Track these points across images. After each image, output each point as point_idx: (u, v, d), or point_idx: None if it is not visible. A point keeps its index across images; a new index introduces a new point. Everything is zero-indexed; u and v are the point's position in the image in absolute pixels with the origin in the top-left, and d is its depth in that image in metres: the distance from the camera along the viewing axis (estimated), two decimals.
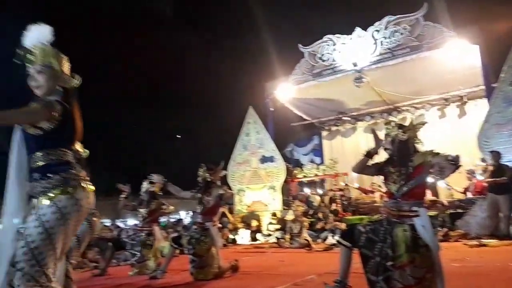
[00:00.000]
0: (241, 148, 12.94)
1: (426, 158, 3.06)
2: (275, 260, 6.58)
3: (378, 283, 3.09)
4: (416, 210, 3.10)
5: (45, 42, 2.26)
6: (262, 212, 11.78)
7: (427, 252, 3.01)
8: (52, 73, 2.25)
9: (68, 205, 2.08)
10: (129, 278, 5.54)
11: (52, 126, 2.14)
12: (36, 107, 2.13)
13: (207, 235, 5.07)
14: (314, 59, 12.28)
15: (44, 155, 2.16)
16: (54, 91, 2.26)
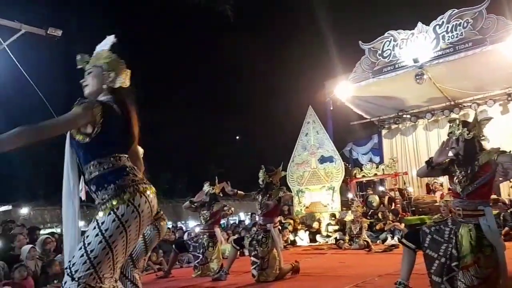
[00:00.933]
0: (300, 149, 13.01)
1: (492, 157, 2.99)
2: (335, 262, 6.60)
3: (442, 284, 3.06)
4: (482, 209, 3.05)
5: (105, 48, 2.26)
6: (321, 213, 11.80)
7: (492, 252, 2.96)
8: (99, 72, 2.20)
9: (127, 213, 1.98)
10: (193, 280, 5.65)
11: (98, 129, 2.02)
12: (74, 109, 1.98)
13: (268, 236, 5.12)
14: (375, 56, 12.07)
15: (96, 165, 2.06)
16: (102, 91, 2.20)
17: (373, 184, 12.46)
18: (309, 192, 12.44)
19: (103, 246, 1.93)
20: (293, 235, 10.62)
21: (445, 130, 14.84)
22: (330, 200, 11.95)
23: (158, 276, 6.25)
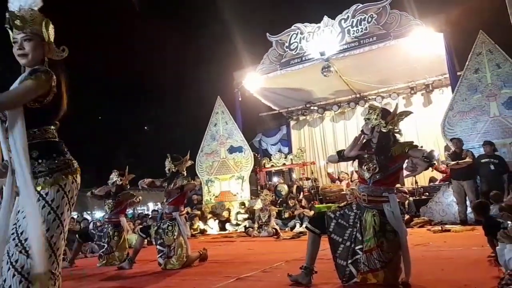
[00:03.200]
0: (210, 139, 12.80)
1: (404, 150, 3.07)
2: (244, 249, 6.57)
3: (347, 267, 3.13)
4: (386, 196, 3.14)
5: (35, 8, 2.06)
6: (230, 202, 11.74)
7: (394, 237, 3.06)
8: (39, 42, 2.05)
9: (72, 189, 2.01)
10: (98, 269, 5.47)
11: (50, 99, 1.98)
12: (36, 80, 1.91)
13: (174, 224, 5.04)
14: (282, 48, 12.25)
15: (42, 132, 2.02)
16: (41, 62, 2.06)
17: (282, 173, 12.75)
18: (219, 182, 12.31)
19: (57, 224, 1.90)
20: (203, 224, 10.42)
21: (352, 121, 15.80)
22: (240, 189, 11.94)
23: None
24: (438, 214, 8.43)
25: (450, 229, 6.87)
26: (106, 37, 17.59)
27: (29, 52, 2.03)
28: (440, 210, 8.45)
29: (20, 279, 1.80)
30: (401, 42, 10.36)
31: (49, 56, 2.10)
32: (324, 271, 3.45)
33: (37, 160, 1.99)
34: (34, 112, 1.96)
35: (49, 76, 1.97)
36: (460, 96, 8.97)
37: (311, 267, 3.31)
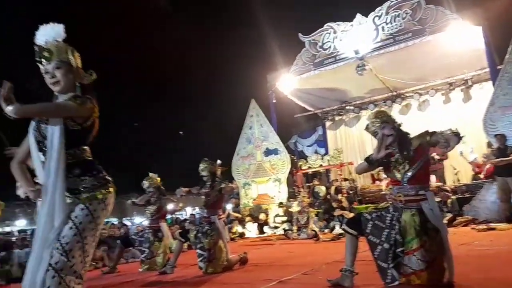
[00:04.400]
0: (245, 142, 12.88)
1: (425, 139, 3.07)
2: (284, 252, 6.56)
3: (388, 270, 3.08)
4: (423, 194, 3.10)
5: (59, 39, 2.24)
6: (268, 205, 11.75)
7: (436, 235, 3.01)
8: (69, 68, 2.22)
9: (110, 203, 2.22)
10: (140, 274, 5.59)
11: (89, 123, 2.20)
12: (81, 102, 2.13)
13: (213, 228, 5.08)
14: (315, 48, 12.16)
15: (81, 151, 2.21)
16: (74, 88, 2.25)
17: (319, 175, 12.62)
18: (256, 185, 12.36)
19: (77, 239, 2.05)
20: (242, 227, 10.49)
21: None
22: (277, 191, 11.93)
23: (103, 271, 6.12)
24: (482, 212, 8.06)
25: (495, 227, 6.58)
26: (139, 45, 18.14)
27: (60, 79, 2.20)
28: (485, 208, 8.07)
29: (59, 281, 1.95)
30: (438, 37, 10.03)
31: (79, 80, 2.27)
32: (367, 273, 3.39)
33: (79, 177, 2.17)
34: (74, 133, 2.15)
35: (92, 104, 2.20)
36: (501, 90, 8.57)
37: (352, 269, 3.27)
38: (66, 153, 2.12)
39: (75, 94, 2.21)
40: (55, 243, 2.00)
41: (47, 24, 2.25)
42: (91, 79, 2.33)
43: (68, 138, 2.11)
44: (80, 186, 2.15)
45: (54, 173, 2.05)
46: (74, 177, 2.15)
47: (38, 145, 2.16)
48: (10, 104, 1.91)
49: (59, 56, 2.20)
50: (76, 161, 2.18)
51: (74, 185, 2.14)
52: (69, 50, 2.25)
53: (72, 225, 2.05)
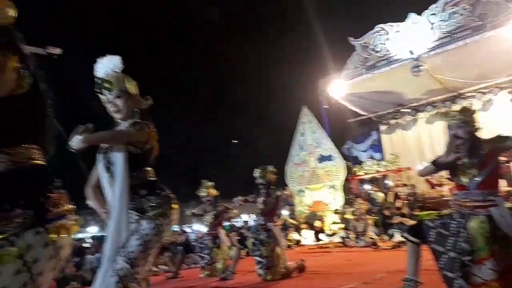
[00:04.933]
0: (298, 149, 12.85)
1: (497, 144, 2.93)
2: (342, 260, 6.46)
3: (456, 280, 2.93)
4: (493, 199, 2.94)
5: (117, 70, 2.44)
6: (324, 212, 11.61)
7: (508, 244, 2.84)
8: (128, 97, 2.42)
9: (175, 218, 2.42)
10: (201, 280, 5.80)
11: (149, 146, 2.40)
12: (138, 130, 2.34)
13: (270, 235, 5.13)
14: (367, 51, 11.90)
15: (144, 173, 2.41)
16: (133, 114, 2.44)
17: (376, 181, 12.27)
18: (310, 192, 12.27)
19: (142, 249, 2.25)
20: (298, 234, 10.46)
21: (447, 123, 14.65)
22: (332, 198, 11.76)
23: (167, 277, 6.44)
24: None
25: None
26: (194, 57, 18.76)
27: (121, 107, 2.40)
28: None
29: (122, 286, 2.14)
30: (500, 32, 9.41)
31: (138, 106, 2.48)
32: (431, 283, 3.26)
33: (145, 197, 2.36)
34: (136, 157, 2.36)
35: (150, 129, 2.40)
36: None
37: (415, 278, 3.17)
38: (130, 175, 2.31)
39: (134, 120, 2.40)
40: (122, 252, 2.20)
41: (106, 57, 2.45)
42: (147, 104, 2.52)
43: (131, 162, 2.32)
44: (146, 205, 2.34)
45: (119, 194, 2.25)
46: (140, 197, 2.35)
47: (106, 170, 2.36)
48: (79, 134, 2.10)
49: (119, 86, 2.39)
50: (140, 182, 2.37)
51: (140, 205, 2.34)
52: (126, 79, 2.44)
53: (139, 237, 2.25)
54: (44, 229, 1.26)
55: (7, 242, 1.20)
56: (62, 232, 1.32)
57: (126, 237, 2.24)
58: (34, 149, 1.37)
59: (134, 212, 2.33)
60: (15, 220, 1.22)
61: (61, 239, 1.31)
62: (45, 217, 1.27)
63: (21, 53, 1.37)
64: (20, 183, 1.29)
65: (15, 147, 1.31)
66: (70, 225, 1.35)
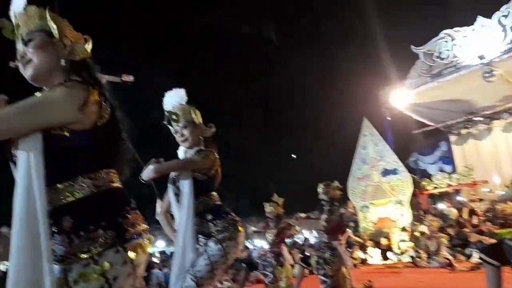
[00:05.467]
0: (360, 163, 12.41)
1: None
2: (413, 281, 6.05)
3: None
4: None
5: (182, 102, 2.63)
6: (390, 229, 11.02)
7: None
8: (194, 126, 2.59)
9: (241, 241, 2.53)
10: None
11: (214, 172, 2.54)
12: (203, 157, 2.50)
13: (334, 254, 4.93)
14: (431, 59, 11.32)
15: (210, 198, 2.55)
16: (198, 141, 2.61)
17: (448, 195, 11.46)
18: (375, 207, 11.74)
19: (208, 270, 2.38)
20: (363, 253, 9.99)
21: None
22: (399, 214, 11.14)
23: None
24: None
25: None
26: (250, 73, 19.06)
27: (188, 136, 2.58)
28: None
29: None
30: None
31: (202, 135, 2.64)
32: None
33: (212, 222, 2.48)
34: (202, 183, 2.49)
35: (214, 156, 2.56)
36: None
37: None
38: (197, 201, 2.45)
39: (199, 148, 2.57)
40: (190, 271, 2.34)
41: (172, 92, 2.66)
42: (211, 132, 2.69)
43: (197, 188, 2.45)
44: (213, 229, 2.46)
45: (185, 219, 2.38)
46: (207, 222, 2.47)
47: (175, 196, 2.54)
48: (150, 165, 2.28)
49: (185, 117, 2.57)
50: (207, 207, 2.51)
51: (207, 229, 2.46)
52: (191, 110, 2.61)
53: (206, 257, 2.37)
54: (123, 248, 1.34)
55: (92, 260, 1.30)
56: (139, 250, 1.39)
57: (194, 258, 2.36)
58: (113, 173, 1.47)
59: (202, 236, 2.47)
60: (98, 240, 1.32)
61: (138, 257, 1.38)
62: (124, 236, 1.35)
63: (101, 85, 1.49)
64: (102, 206, 1.39)
65: (96, 172, 1.41)
66: (146, 244, 1.43)
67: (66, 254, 1.31)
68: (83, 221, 1.33)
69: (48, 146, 1.31)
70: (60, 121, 1.33)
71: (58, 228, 1.33)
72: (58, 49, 1.45)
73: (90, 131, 1.38)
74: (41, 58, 1.42)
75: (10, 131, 1.30)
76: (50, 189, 1.33)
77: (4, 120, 1.28)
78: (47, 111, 1.32)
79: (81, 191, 1.36)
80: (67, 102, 1.33)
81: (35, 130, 1.31)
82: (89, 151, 1.40)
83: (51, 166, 1.32)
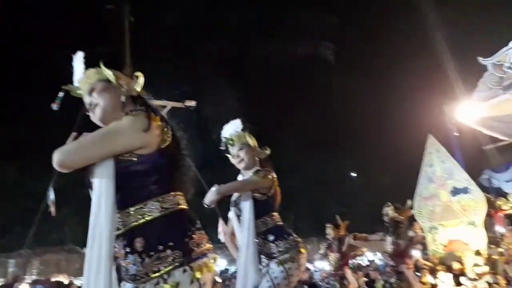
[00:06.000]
0: (426, 181, 11.78)
1: None
2: None
3: None
4: None
5: (238, 130, 2.86)
6: (462, 252, 10.27)
7: None
8: (249, 148, 2.78)
9: (303, 263, 2.59)
10: None
11: (272, 192, 2.64)
12: (259, 177, 2.61)
13: (402, 279, 4.74)
14: (502, 70, 10.48)
15: (271, 218, 2.62)
16: (254, 163, 2.76)
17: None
18: (444, 229, 11.01)
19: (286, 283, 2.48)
20: (433, 278, 9.39)
21: None
22: (472, 237, 10.37)
23: None
24: None
25: None
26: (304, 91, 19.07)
27: (243, 157, 2.76)
28: None
29: None
30: None
31: (258, 156, 2.81)
32: None
33: (274, 242, 2.55)
34: (262, 203, 2.58)
35: (272, 176, 2.67)
36: None
37: None
38: (258, 222, 2.54)
39: (257, 168, 2.70)
40: None
41: (231, 122, 2.91)
42: (266, 154, 2.84)
43: (258, 208, 2.55)
44: (275, 250, 2.52)
45: (247, 239, 2.46)
46: (269, 242, 2.54)
47: (237, 218, 2.64)
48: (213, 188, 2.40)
49: (240, 140, 2.78)
50: (268, 228, 2.59)
51: (269, 250, 2.53)
52: (246, 135, 2.83)
53: (269, 279, 2.42)
54: (190, 268, 1.42)
55: (161, 279, 1.39)
56: (204, 270, 1.46)
57: (256, 279, 2.41)
58: (179, 195, 1.57)
59: (264, 257, 2.52)
60: (167, 260, 1.40)
61: (204, 276, 1.46)
62: (190, 256, 1.44)
63: (160, 111, 1.64)
64: (169, 227, 1.48)
65: (164, 195, 1.51)
66: (211, 263, 1.50)
67: (139, 273, 1.39)
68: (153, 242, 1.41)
69: (119, 172, 1.44)
70: (128, 147, 1.46)
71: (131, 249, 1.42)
72: (117, 89, 1.66)
73: (155, 155, 1.50)
74: (105, 99, 1.63)
75: (86, 158, 1.44)
76: (124, 212, 1.46)
77: (80, 149, 1.44)
78: (116, 138, 1.46)
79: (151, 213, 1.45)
80: (133, 128, 1.46)
81: (107, 157, 1.44)
82: (156, 175, 1.50)
83: (123, 191, 1.45)
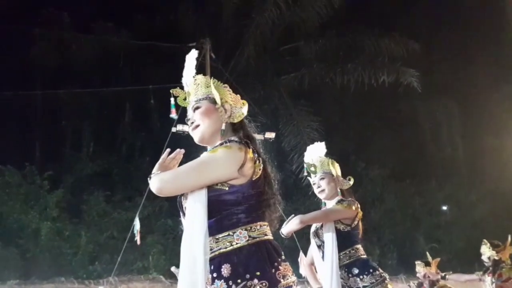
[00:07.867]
0: None
1: None
2: None
3: None
4: None
5: (321, 155, 2.76)
6: None
7: None
8: (331, 178, 2.66)
9: None
10: None
11: (356, 223, 2.55)
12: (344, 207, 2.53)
13: None
14: None
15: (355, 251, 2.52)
16: (336, 193, 2.66)
17: None
18: None
19: None
20: None
21: None
22: None
23: None
24: None
25: None
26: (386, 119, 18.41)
27: (324, 187, 2.64)
28: None
29: None
30: None
31: (340, 187, 2.69)
32: None
33: (359, 277, 2.44)
34: (346, 234, 2.48)
35: (356, 206, 2.55)
36: None
37: None
38: (342, 254, 2.44)
39: (340, 198, 2.59)
40: None
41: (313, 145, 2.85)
42: (349, 184, 2.73)
43: (341, 239, 2.44)
44: (360, 285, 2.40)
45: (330, 272, 2.36)
46: (353, 276, 2.43)
47: (318, 248, 2.55)
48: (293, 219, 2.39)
49: (322, 168, 2.66)
50: (352, 260, 2.47)
51: (354, 284, 2.42)
52: (329, 161, 2.70)
53: None
54: None
55: None
56: None
57: None
58: (266, 225, 1.59)
59: None
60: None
61: None
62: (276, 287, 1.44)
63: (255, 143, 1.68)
64: (257, 256, 1.49)
65: (252, 224, 1.54)
66: None
67: None
68: (240, 270, 1.44)
69: (210, 199, 1.51)
70: (221, 178, 1.52)
71: (218, 274, 1.46)
72: (220, 115, 1.68)
73: (246, 186, 1.53)
74: (206, 123, 1.67)
75: (183, 186, 1.55)
76: (213, 238, 1.50)
77: (177, 179, 1.55)
78: (210, 172, 1.53)
79: (239, 241, 1.49)
80: (228, 162, 1.51)
81: (201, 185, 1.53)
82: (246, 204, 1.53)
83: (214, 218, 1.51)
